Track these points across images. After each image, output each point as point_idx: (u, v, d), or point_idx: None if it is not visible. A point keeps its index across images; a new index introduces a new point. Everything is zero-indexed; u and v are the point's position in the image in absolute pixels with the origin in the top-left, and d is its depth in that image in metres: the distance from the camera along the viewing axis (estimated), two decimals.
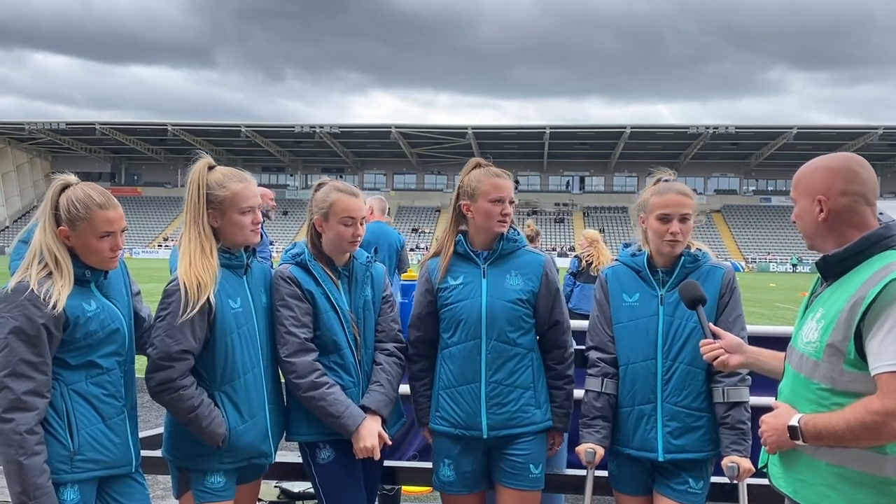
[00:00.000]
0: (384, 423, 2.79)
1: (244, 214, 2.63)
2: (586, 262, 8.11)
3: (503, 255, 2.89)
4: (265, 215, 7.80)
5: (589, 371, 2.88)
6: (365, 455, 2.70)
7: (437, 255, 2.97)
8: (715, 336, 2.47)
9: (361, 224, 2.83)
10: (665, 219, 2.73)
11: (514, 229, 2.92)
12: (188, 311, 2.47)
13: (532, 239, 7.35)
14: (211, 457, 2.60)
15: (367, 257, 2.94)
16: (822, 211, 2.04)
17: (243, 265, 2.69)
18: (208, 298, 2.51)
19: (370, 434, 2.68)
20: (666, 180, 2.84)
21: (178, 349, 2.49)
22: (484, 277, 2.85)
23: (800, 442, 1.98)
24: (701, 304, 2.53)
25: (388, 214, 7.77)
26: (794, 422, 1.99)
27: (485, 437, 2.80)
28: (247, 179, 2.68)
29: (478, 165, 2.93)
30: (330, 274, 2.82)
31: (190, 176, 2.63)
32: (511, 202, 2.86)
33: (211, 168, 2.67)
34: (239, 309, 2.63)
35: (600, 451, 2.76)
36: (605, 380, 2.81)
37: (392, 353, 2.91)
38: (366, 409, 2.75)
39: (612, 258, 8.24)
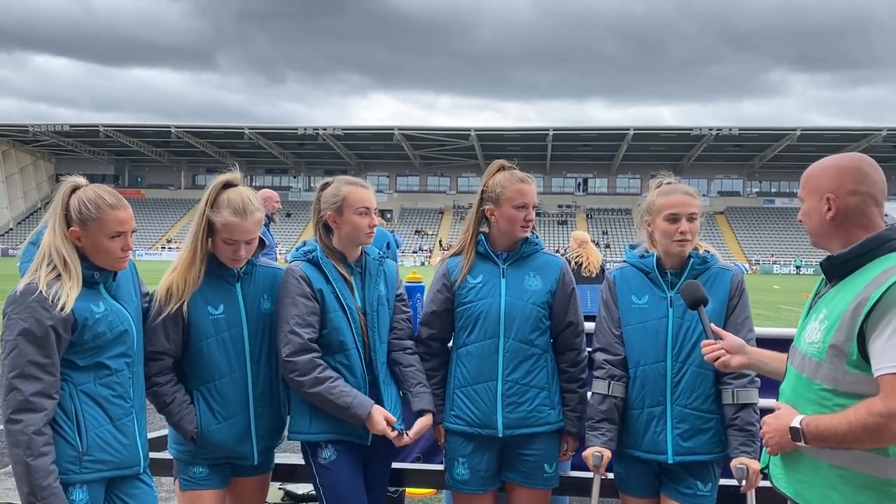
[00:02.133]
0: (436, 419, 2.88)
1: (227, 244, 2.66)
2: (575, 262, 8.11)
3: (523, 257, 2.93)
4: (270, 218, 7.84)
5: (595, 373, 2.88)
6: (382, 433, 2.70)
7: (457, 254, 3.00)
8: (717, 337, 2.48)
9: (375, 214, 2.85)
10: (673, 219, 2.74)
11: (534, 232, 2.95)
12: (159, 316, 2.63)
13: None
14: (191, 450, 2.74)
15: (379, 253, 2.95)
16: (830, 209, 2.04)
17: (233, 274, 2.73)
18: (180, 306, 2.63)
19: (380, 419, 2.71)
20: (668, 182, 2.85)
21: (151, 350, 2.64)
22: (503, 277, 2.89)
23: (801, 443, 1.99)
24: (702, 305, 2.54)
25: (391, 217, 7.75)
26: (795, 423, 1.99)
27: (500, 435, 2.83)
28: (242, 213, 2.63)
29: (502, 168, 2.95)
30: (342, 272, 2.83)
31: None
32: (534, 207, 2.89)
33: (227, 186, 2.69)
34: (220, 315, 2.69)
35: (607, 454, 2.76)
36: (612, 382, 2.81)
37: (414, 351, 2.95)
38: (423, 412, 2.82)
39: (602, 259, 8.29)
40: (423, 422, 2.83)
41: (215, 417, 2.70)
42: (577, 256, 8.13)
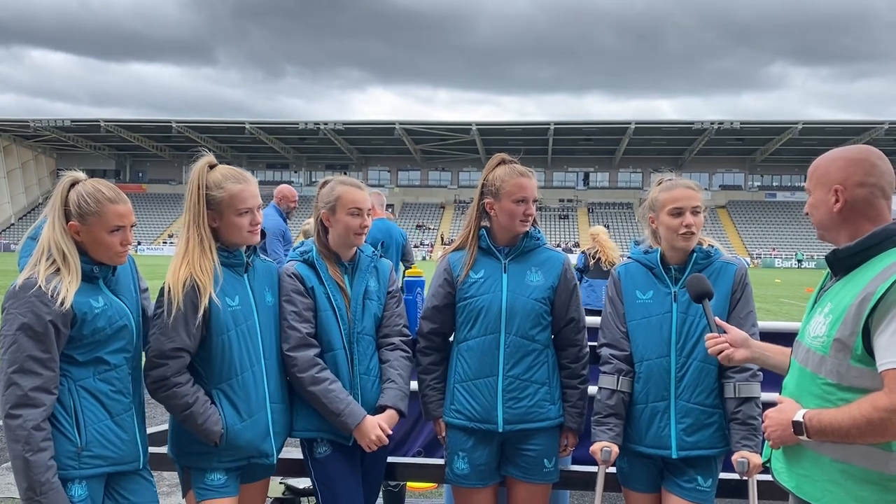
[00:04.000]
0: (402, 416, 2.84)
1: (241, 216, 2.61)
2: (592, 257, 8.25)
3: (525, 252, 2.92)
4: (286, 214, 7.85)
5: (602, 369, 2.88)
6: (374, 447, 2.72)
7: (459, 248, 2.99)
8: (721, 330, 2.47)
9: (368, 215, 2.86)
10: (677, 213, 2.73)
11: (535, 227, 2.94)
12: (178, 311, 2.48)
13: None
14: (210, 455, 2.60)
15: (374, 252, 2.96)
16: (837, 201, 2.02)
17: (243, 263, 2.68)
18: (202, 298, 2.50)
19: (372, 428, 2.71)
20: (668, 178, 2.86)
21: (171, 347, 2.50)
22: (505, 272, 2.88)
23: (804, 437, 1.98)
24: (707, 299, 2.53)
25: (392, 211, 7.79)
26: (798, 417, 1.98)
27: (500, 430, 2.83)
28: (245, 180, 2.65)
29: (502, 162, 2.94)
30: (334, 274, 2.83)
31: (190, 175, 2.63)
32: (535, 201, 2.88)
33: (212, 167, 2.66)
34: (237, 307, 2.62)
35: (615, 449, 2.76)
36: (620, 377, 2.81)
37: (398, 346, 2.92)
38: (385, 408, 2.78)
39: (621, 254, 8.44)
40: (379, 417, 2.77)
41: (240, 416, 2.59)
42: (595, 252, 8.31)
